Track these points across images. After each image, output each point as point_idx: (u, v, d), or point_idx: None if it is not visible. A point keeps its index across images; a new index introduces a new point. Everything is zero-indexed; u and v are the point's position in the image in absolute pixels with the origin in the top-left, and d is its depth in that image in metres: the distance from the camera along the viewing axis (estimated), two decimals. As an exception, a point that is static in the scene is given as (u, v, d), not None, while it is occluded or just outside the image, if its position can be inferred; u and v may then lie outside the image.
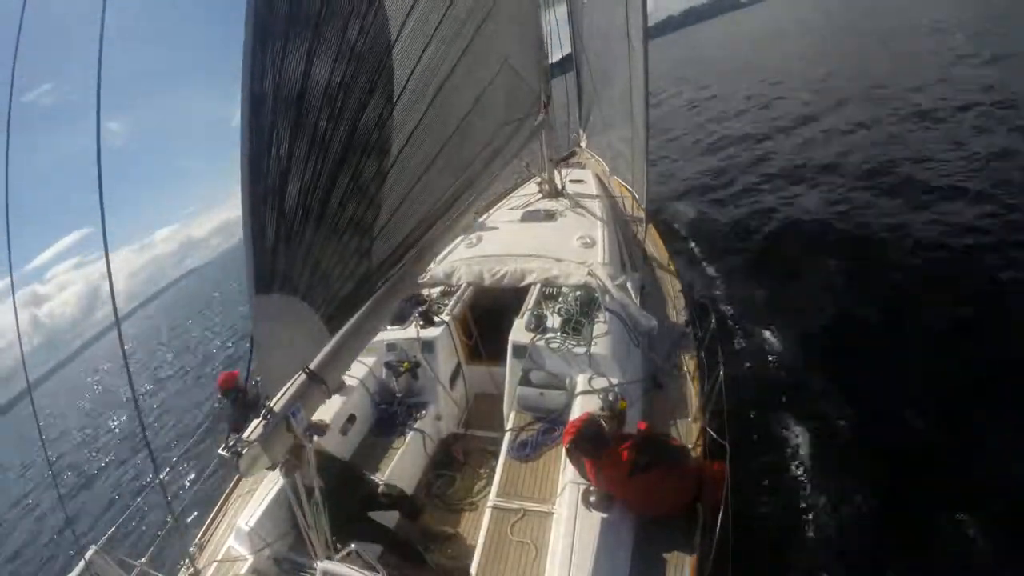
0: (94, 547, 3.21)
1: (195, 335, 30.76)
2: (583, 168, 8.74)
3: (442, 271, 5.31)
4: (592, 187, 7.54)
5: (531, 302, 4.63)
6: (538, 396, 4.03)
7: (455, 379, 4.92)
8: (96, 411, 23.54)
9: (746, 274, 8.29)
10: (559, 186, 7.15)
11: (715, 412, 3.58)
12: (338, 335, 2.32)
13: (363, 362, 4.67)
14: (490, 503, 3.42)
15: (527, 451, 3.71)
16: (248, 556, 3.32)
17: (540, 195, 7.18)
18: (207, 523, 3.87)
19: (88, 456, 15.86)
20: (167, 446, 12.55)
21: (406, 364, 4.61)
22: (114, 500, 11.27)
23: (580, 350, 4.04)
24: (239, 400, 4.29)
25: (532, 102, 5.54)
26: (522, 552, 3.08)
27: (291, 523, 3.23)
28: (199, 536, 3.77)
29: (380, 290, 2.53)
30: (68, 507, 11.67)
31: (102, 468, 13.99)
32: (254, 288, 1.86)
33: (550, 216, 6.36)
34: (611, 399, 3.52)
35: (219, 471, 4.51)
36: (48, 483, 15.05)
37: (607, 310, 4.32)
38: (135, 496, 9.63)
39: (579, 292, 4.58)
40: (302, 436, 2.14)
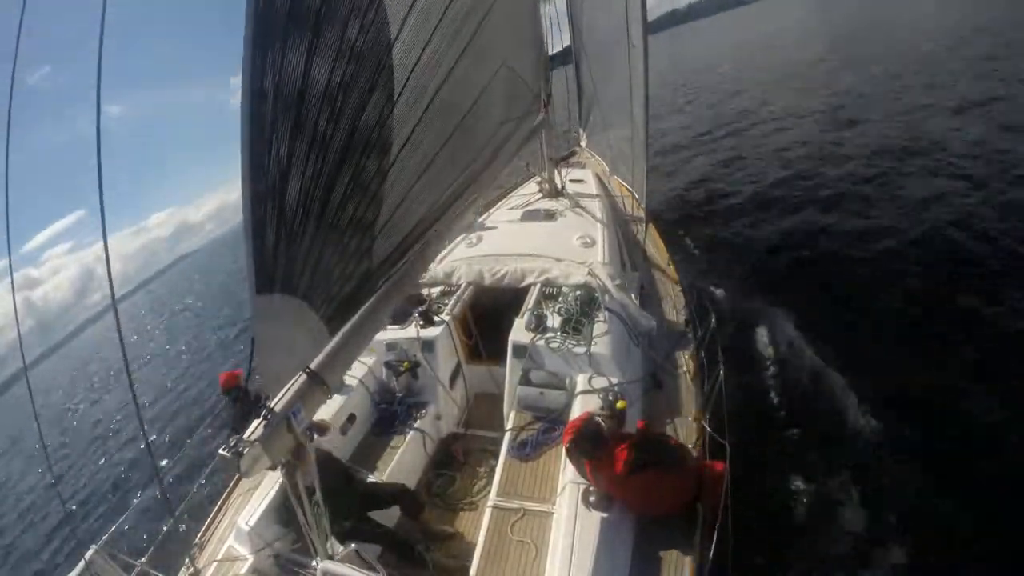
0: (94, 547, 3.20)
1: (189, 325, 30.49)
2: (583, 168, 8.72)
3: (442, 271, 5.30)
4: (592, 187, 7.53)
5: (531, 302, 4.63)
6: (538, 396, 4.03)
7: (455, 379, 4.92)
8: (89, 402, 23.44)
9: (747, 274, 8.30)
10: (559, 186, 7.15)
11: (715, 412, 3.58)
12: (338, 335, 2.32)
13: (363, 362, 4.67)
14: (490, 503, 3.41)
15: (527, 451, 3.71)
16: (248, 556, 3.31)
17: (540, 195, 7.18)
18: (207, 523, 3.87)
19: (84, 455, 15.82)
20: (167, 446, 12.53)
21: (406, 364, 4.61)
22: (114, 500, 11.26)
23: (580, 350, 4.04)
24: (239, 400, 4.28)
25: (532, 101, 5.54)
26: (522, 552, 3.07)
27: (291, 522, 3.23)
28: (199, 536, 3.77)
29: (381, 289, 2.53)
30: (66, 505, 11.65)
31: (101, 468, 13.97)
32: (255, 288, 1.85)
33: (550, 216, 6.35)
34: (611, 399, 3.53)
35: (219, 471, 4.51)
36: (46, 484, 15.01)
37: (607, 310, 4.32)
38: (135, 496, 9.64)
39: (579, 292, 4.58)
40: (303, 436, 2.14)
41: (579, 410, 3.67)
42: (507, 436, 3.86)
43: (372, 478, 3.91)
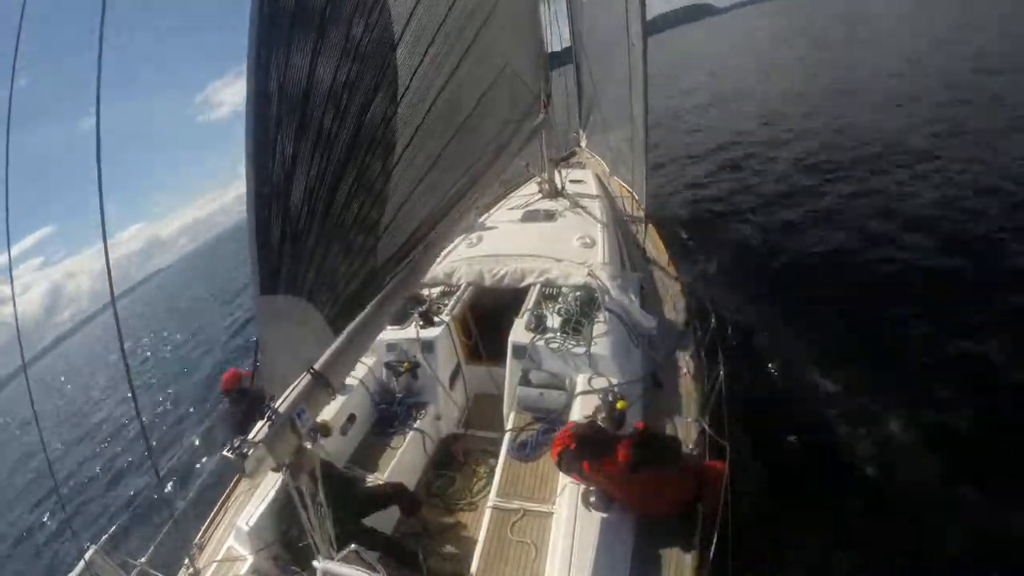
0: (94, 547, 3.19)
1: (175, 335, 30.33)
2: (583, 168, 8.72)
3: (442, 271, 5.30)
4: (592, 187, 7.53)
5: (531, 302, 4.63)
6: (538, 396, 4.03)
7: (455, 379, 4.91)
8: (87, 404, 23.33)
9: (747, 274, 8.31)
10: (559, 186, 7.14)
11: (715, 412, 3.58)
12: (343, 335, 2.32)
13: (363, 362, 4.66)
14: (490, 503, 3.41)
15: (527, 451, 3.71)
16: (248, 556, 3.31)
17: (540, 195, 7.17)
18: (207, 523, 3.86)
19: (85, 454, 15.75)
20: (167, 445, 12.49)
21: (406, 364, 4.60)
22: (114, 499, 11.21)
23: (580, 350, 4.04)
24: (237, 400, 4.26)
25: (531, 101, 5.54)
26: (522, 552, 3.07)
27: (292, 523, 3.22)
28: (199, 536, 3.76)
29: (385, 288, 2.53)
30: (67, 506, 11.60)
31: (102, 468, 13.91)
32: (259, 289, 1.85)
33: (550, 216, 6.35)
34: (611, 399, 3.53)
35: (220, 470, 4.49)
36: (44, 481, 14.93)
37: (607, 310, 4.32)
38: (134, 495, 9.60)
39: (579, 292, 4.58)
40: (307, 437, 2.13)
41: (579, 410, 3.68)
42: (507, 436, 3.87)
43: (372, 479, 3.91)
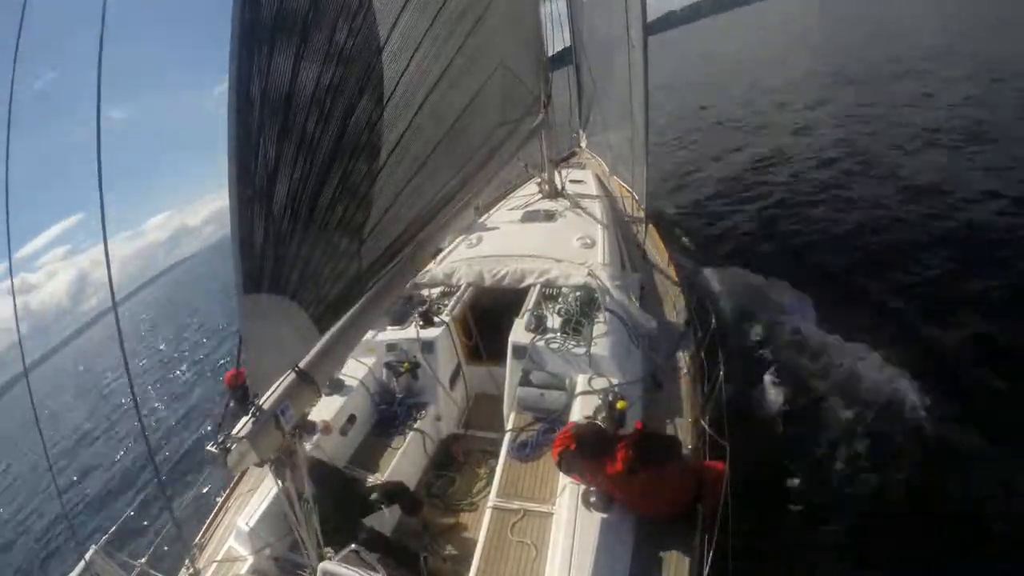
0: (94, 547, 3.22)
1: (187, 330, 30.52)
2: (583, 168, 8.71)
3: (442, 271, 5.30)
4: (592, 187, 7.52)
5: (531, 302, 4.63)
6: (538, 396, 4.02)
7: (455, 379, 4.92)
8: (88, 406, 23.49)
9: (747, 275, 8.27)
10: (559, 186, 7.14)
11: (715, 412, 3.57)
12: (328, 334, 2.33)
13: (363, 362, 4.68)
14: (490, 503, 3.41)
15: (527, 451, 3.70)
16: (248, 556, 3.32)
17: (540, 195, 7.17)
18: (207, 523, 3.88)
19: (84, 455, 15.85)
20: (167, 444, 12.55)
21: (406, 364, 4.61)
22: (113, 499, 11.28)
23: (580, 350, 4.03)
24: (243, 396, 4.27)
25: (531, 102, 5.53)
26: (522, 552, 3.07)
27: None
28: (199, 536, 3.78)
29: (371, 290, 2.53)
30: (66, 506, 11.67)
31: (101, 469, 14.00)
32: (242, 288, 1.87)
33: (550, 216, 6.35)
34: (610, 399, 3.51)
35: (217, 470, 4.49)
36: (40, 481, 15.02)
37: (607, 310, 4.31)
38: (135, 495, 9.65)
39: (579, 292, 4.57)
40: (290, 434, 2.14)
41: (579, 410, 3.67)
42: (507, 437, 3.86)
43: (372, 479, 3.91)
